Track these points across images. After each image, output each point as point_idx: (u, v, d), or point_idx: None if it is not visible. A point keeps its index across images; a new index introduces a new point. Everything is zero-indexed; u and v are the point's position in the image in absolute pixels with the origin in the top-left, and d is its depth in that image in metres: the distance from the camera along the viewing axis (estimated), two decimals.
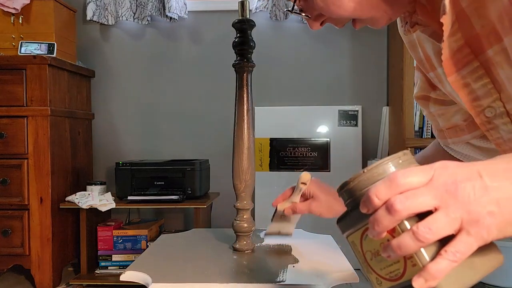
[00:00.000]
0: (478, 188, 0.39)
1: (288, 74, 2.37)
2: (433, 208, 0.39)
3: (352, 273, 0.78)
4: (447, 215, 0.38)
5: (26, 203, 1.92)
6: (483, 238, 0.39)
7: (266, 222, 1.81)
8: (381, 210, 0.41)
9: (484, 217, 0.38)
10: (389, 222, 0.40)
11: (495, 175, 0.40)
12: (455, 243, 0.39)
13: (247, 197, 0.93)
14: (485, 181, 0.39)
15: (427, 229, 0.38)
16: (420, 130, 2.08)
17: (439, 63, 0.64)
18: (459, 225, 0.39)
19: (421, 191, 0.39)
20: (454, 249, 0.39)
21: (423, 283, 0.39)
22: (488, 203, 0.38)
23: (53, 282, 1.94)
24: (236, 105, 0.92)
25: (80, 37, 2.39)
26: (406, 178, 0.40)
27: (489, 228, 0.38)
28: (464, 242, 0.39)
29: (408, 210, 0.39)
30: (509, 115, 0.58)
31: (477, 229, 0.38)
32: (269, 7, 2.24)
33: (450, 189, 0.39)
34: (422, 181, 0.40)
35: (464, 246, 0.38)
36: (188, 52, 2.39)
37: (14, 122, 1.91)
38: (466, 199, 0.39)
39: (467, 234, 0.39)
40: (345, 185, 0.47)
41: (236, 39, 0.90)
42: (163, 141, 2.41)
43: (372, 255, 0.46)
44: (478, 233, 0.38)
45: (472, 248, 0.39)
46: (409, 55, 1.96)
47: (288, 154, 2.31)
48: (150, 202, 1.99)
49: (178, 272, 0.79)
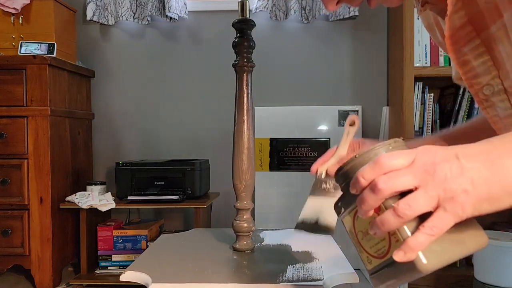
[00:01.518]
0: (454, 168, 0.42)
1: (288, 74, 2.37)
2: (413, 188, 0.43)
3: (352, 273, 0.78)
4: (425, 193, 0.42)
5: (26, 203, 1.92)
6: (458, 214, 0.42)
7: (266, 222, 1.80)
8: (367, 190, 0.45)
9: (459, 195, 0.41)
10: (373, 201, 0.44)
11: (471, 157, 0.43)
12: (432, 218, 0.42)
13: (247, 197, 0.93)
14: (461, 162, 0.42)
15: (406, 206, 0.42)
16: (420, 130, 2.08)
17: None
18: (436, 202, 0.42)
19: (402, 172, 0.43)
20: (431, 224, 0.42)
21: (402, 256, 0.43)
22: (463, 182, 0.42)
23: (53, 282, 1.94)
24: (236, 105, 0.92)
25: (80, 37, 2.39)
26: (389, 161, 0.44)
27: (464, 205, 0.42)
28: (440, 217, 0.42)
29: (390, 189, 0.43)
30: (507, 93, 0.59)
31: (452, 205, 0.42)
32: (269, 7, 2.24)
33: (429, 170, 0.42)
34: (404, 163, 0.44)
35: (440, 222, 0.42)
36: (188, 52, 2.39)
37: (14, 122, 1.91)
38: (443, 179, 0.42)
39: (444, 210, 0.42)
40: (340, 170, 0.51)
41: (236, 39, 0.90)
42: (163, 141, 2.41)
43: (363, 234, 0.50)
44: (454, 210, 0.42)
45: (448, 223, 0.42)
46: (409, 55, 1.96)
47: (288, 154, 2.31)
48: (150, 202, 1.99)
49: (178, 272, 0.79)
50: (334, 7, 0.62)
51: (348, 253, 0.93)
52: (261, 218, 2.27)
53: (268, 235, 1.07)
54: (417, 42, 2.00)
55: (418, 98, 2.06)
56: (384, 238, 0.46)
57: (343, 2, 0.62)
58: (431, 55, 2.01)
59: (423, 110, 2.08)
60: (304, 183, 2.28)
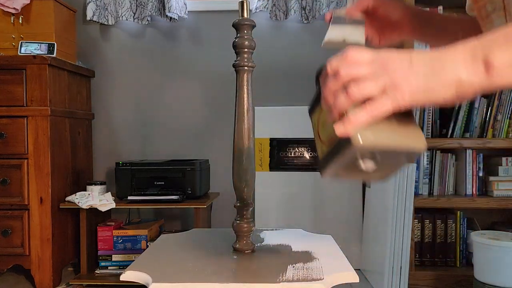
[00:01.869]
0: (404, 63, 0.49)
1: (288, 74, 2.37)
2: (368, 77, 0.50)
3: (352, 273, 0.78)
4: (374, 80, 0.49)
5: (26, 203, 1.92)
6: (397, 100, 0.49)
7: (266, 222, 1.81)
8: (330, 77, 0.53)
9: (401, 84, 0.48)
10: (333, 84, 0.52)
11: (420, 57, 0.50)
12: (374, 100, 0.49)
13: (247, 197, 0.93)
14: (412, 61, 0.49)
15: (356, 87, 0.49)
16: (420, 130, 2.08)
17: None
18: (382, 89, 0.49)
19: (362, 64, 0.50)
20: (372, 104, 0.49)
21: (342, 128, 0.50)
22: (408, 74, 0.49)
23: (53, 282, 1.94)
24: (236, 105, 0.92)
25: (80, 37, 2.39)
26: (355, 55, 0.51)
27: (404, 93, 0.48)
28: (381, 101, 0.49)
29: (348, 76, 0.50)
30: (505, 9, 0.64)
31: (394, 92, 0.49)
32: (269, 7, 2.24)
33: (383, 63, 0.50)
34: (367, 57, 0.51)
35: (380, 104, 0.49)
36: (188, 52, 2.39)
37: (14, 122, 1.91)
38: (392, 70, 0.49)
39: (386, 95, 0.49)
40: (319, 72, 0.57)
41: (236, 39, 0.90)
42: (163, 141, 2.41)
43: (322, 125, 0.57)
44: (394, 96, 0.49)
45: (387, 106, 0.49)
46: None
47: (288, 154, 2.31)
48: (150, 202, 1.99)
49: (178, 272, 0.79)
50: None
51: (348, 253, 0.93)
52: (261, 218, 2.27)
53: (268, 235, 1.07)
54: (417, 42, 2.00)
55: None
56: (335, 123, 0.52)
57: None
58: None
59: (423, 110, 2.08)
60: (304, 183, 2.28)
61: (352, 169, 0.53)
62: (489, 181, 2.04)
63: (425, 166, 2.08)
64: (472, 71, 0.48)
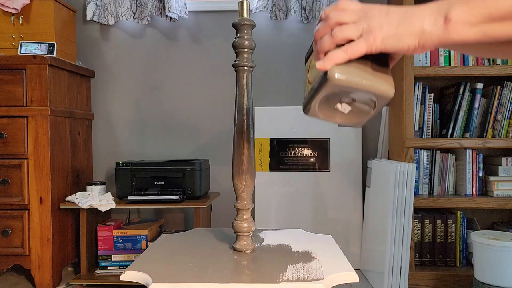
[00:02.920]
0: (382, 13, 0.57)
1: (288, 74, 2.37)
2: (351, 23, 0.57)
3: (352, 273, 0.78)
4: (355, 25, 0.57)
5: (26, 203, 1.92)
6: (370, 43, 0.56)
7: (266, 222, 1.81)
8: (322, 22, 0.60)
9: (375, 29, 0.56)
10: (322, 27, 0.59)
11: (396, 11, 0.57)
12: (351, 42, 0.57)
13: (247, 197, 0.93)
14: (389, 11, 0.57)
15: (339, 29, 0.57)
16: (420, 130, 2.08)
17: None
18: (360, 33, 0.57)
19: (350, 12, 0.58)
20: (349, 45, 0.57)
21: (321, 63, 0.57)
22: (382, 22, 0.56)
23: (53, 282, 1.94)
24: (236, 105, 0.92)
25: (80, 37, 2.39)
26: (345, 4, 0.59)
27: (376, 37, 0.56)
28: (357, 42, 0.56)
29: (335, 20, 0.58)
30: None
31: (368, 35, 0.56)
32: (269, 7, 2.24)
33: (366, 12, 0.57)
34: (354, 7, 0.59)
35: (355, 45, 0.56)
36: (188, 52, 2.39)
37: (14, 122, 1.91)
38: (371, 17, 0.57)
39: (362, 38, 0.56)
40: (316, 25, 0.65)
41: (236, 39, 0.90)
42: (163, 141, 2.41)
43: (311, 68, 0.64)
44: (368, 38, 0.56)
45: (361, 48, 0.56)
46: (409, 55, 1.96)
47: (288, 154, 2.31)
48: (150, 202, 1.99)
49: (178, 272, 0.79)
50: None
51: (348, 253, 0.93)
52: (261, 218, 2.27)
53: (268, 235, 1.07)
54: None
55: (418, 98, 2.06)
56: None
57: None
58: (431, 55, 2.01)
59: (423, 110, 2.08)
60: (304, 183, 2.28)
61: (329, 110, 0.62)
62: (489, 181, 2.04)
63: (425, 166, 2.08)
64: (434, 23, 0.55)
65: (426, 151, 2.08)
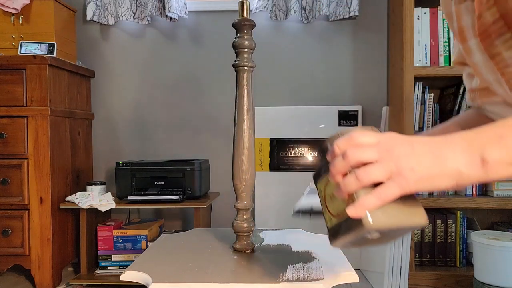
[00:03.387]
0: (408, 150, 0.53)
1: (288, 74, 2.37)
2: (374, 161, 0.54)
3: (352, 273, 0.78)
4: (382, 166, 0.53)
5: (26, 203, 1.92)
6: (403, 187, 0.52)
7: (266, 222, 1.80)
8: (338, 157, 0.56)
9: (406, 172, 0.52)
10: (341, 166, 0.56)
11: (423, 144, 0.54)
12: (382, 186, 0.53)
13: (247, 197, 0.93)
14: (414, 146, 0.53)
15: (365, 172, 0.53)
16: (420, 130, 2.08)
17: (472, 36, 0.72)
18: (388, 175, 0.53)
19: (368, 147, 0.55)
20: (381, 190, 0.53)
21: (354, 211, 0.53)
22: (411, 162, 0.52)
23: (53, 282, 1.94)
24: (236, 105, 0.92)
25: (80, 37, 2.39)
26: (360, 137, 0.56)
27: (409, 180, 0.52)
28: (389, 187, 0.53)
29: (356, 158, 0.54)
30: None
31: (400, 179, 0.52)
32: (269, 7, 2.24)
33: (388, 149, 0.54)
34: (371, 141, 0.55)
35: (388, 190, 0.53)
36: (188, 52, 2.39)
37: (14, 122, 1.91)
38: (397, 157, 0.53)
39: (392, 181, 0.53)
40: (323, 143, 0.62)
41: (236, 39, 0.90)
42: (163, 141, 2.41)
43: (330, 197, 0.60)
44: (400, 182, 0.52)
45: (394, 192, 0.53)
46: (409, 55, 1.96)
47: (288, 154, 2.31)
48: (150, 202, 1.99)
49: (178, 272, 0.79)
50: None
51: (348, 253, 0.93)
52: (261, 218, 2.27)
53: (268, 235, 1.07)
54: (417, 42, 2.00)
55: (418, 98, 2.06)
56: (344, 200, 0.56)
57: None
58: (431, 55, 2.01)
59: (423, 110, 2.08)
60: (304, 183, 2.28)
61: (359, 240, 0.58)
62: None
63: None
64: (470, 164, 0.52)
65: None
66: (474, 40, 0.71)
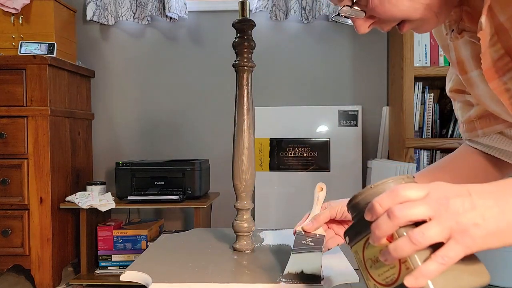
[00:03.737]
0: (467, 203, 0.45)
1: (288, 74, 2.37)
2: (427, 218, 0.45)
3: (352, 273, 0.78)
4: (439, 224, 0.44)
5: (26, 203, 1.92)
6: (469, 246, 0.44)
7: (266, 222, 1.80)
8: (383, 217, 0.47)
9: (470, 228, 0.44)
10: (388, 227, 0.46)
11: (482, 194, 0.46)
12: (444, 248, 0.44)
13: (247, 197, 0.93)
14: (473, 198, 0.45)
15: (421, 234, 0.44)
16: (420, 130, 2.08)
17: (473, 67, 0.69)
18: (448, 233, 0.45)
19: (418, 203, 0.46)
20: (443, 253, 0.44)
21: (413, 282, 0.44)
22: (474, 217, 0.44)
23: (53, 282, 1.94)
24: (236, 105, 0.92)
25: (80, 37, 2.39)
26: (406, 191, 0.47)
27: (474, 238, 0.44)
28: (452, 248, 0.44)
29: (406, 217, 0.45)
30: None
31: (464, 238, 0.44)
32: (269, 7, 2.24)
33: (442, 203, 0.45)
34: (419, 195, 0.47)
35: (452, 252, 0.44)
36: (188, 52, 2.39)
37: (14, 122, 1.91)
38: (456, 212, 0.45)
39: (455, 241, 0.44)
40: (353, 199, 0.54)
41: (236, 39, 0.90)
42: (163, 141, 2.41)
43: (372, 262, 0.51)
44: (465, 242, 0.44)
45: (459, 254, 0.44)
46: (409, 55, 1.96)
47: (288, 154, 2.31)
48: (150, 202, 1.99)
49: (178, 272, 0.79)
50: (365, 30, 0.64)
51: (348, 253, 0.93)
52: (261, 218, 2.27)
53: (268, 235, 1.07)
54: (417, 42, 2.00)
55: (418, 98, 2.06)
56: (394, 266, 0.48)
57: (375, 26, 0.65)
58: (431, 55, 2.01)
59: (423, 110, 2.08)
60: (304, 183, 2.28)
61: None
62: None
63: (425, 166, 2.08)
64: None
65: (426, 151, 2.08)
66: (476, 72, 0.68)
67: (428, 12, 0.59)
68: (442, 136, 2.08)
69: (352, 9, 0.61)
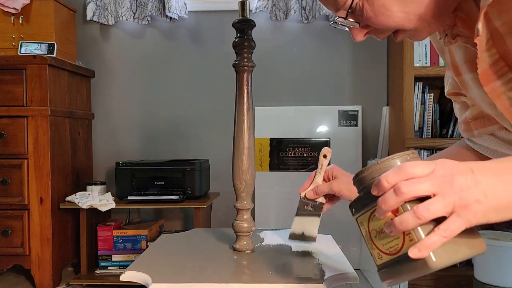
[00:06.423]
0: (469, 180, 0.48)
1: (288, 74, 2.37)
2: (431, 194, 0.48)
3: (352, 273, 0.78)
4: (443, 200, 0.47)
5: (26, 203, 1.92)
6: (469, 220, 0.47)
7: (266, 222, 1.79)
8: (389, 192, 0.50)
9: (472, 204, 0.47)
10: (394, 202, 0.49)
11: (485, 172, 0.49)
12: (447, 222, 0.48)
13: (247, 197, 0.93)
14: (476, 175, 0.48)
15: (425, 209, 0.47)
16: (420, 130, 2.08)
17: (467, 70, 0.70)
18: (451, 208, 0.48)
19: (423, 179, 0.49)
20: (445, 227, 0.48)
21: (417, 253, 0.48)
22: (476, 193, 0.47)
23: (53, 282, 1.94)
24: (236, 105, 0.92)
25: (80, 37, 2.39)
26: (412, 168, 0.49)
27: (476, 213, 0.47)
28: (454, 222, 0.48)
29: (412, 193, 0.48)
30: None
31: (465, 212, 0.47)
32: (269, 7, 2.24)
33: (447, 180, 0.48)
34: (425, 172, 0.49)
35: (453, 225, 0.48)
36: (188, 52, 2.39)
37: (14, 122, 1.91)
38: (459, 188, 0.47)
39: (457, 216, 0.47)
40: (360, 174, 0.57)
41: (236, 39, 0.90)
42: (163, 141, 2.41)
43: (377, 233, 0.55)
44: (466, 216, 0.47)
45: (460, 227, 0.48)
46: (409, 55, 1.96)
47: (288, 154, 2.31)
48: (150, 202, 1.99)
49: (178, 272, 0.79)
50: (361, 38, 0.66)
51: (348, 253, 0.93)
52: (261, 218, 2.27)
53: (268, 235, 1.07)
54: (417, 42, 2.00)
55: (418, 98, 2.06)
56: (398, 237, 0.52)
57: (371, 35, 0.66)
58: (431, 55, 2.01)
59: (423, 110, 2.08)
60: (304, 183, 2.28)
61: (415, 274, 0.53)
62: None
63: None
64: None
65: (426, 151, 2.08)
66: (470, 75, 0.69)
67: (421, 22, 0.60)
68: (442, 136, 2.08)
69: (346, 21, 0.63)
